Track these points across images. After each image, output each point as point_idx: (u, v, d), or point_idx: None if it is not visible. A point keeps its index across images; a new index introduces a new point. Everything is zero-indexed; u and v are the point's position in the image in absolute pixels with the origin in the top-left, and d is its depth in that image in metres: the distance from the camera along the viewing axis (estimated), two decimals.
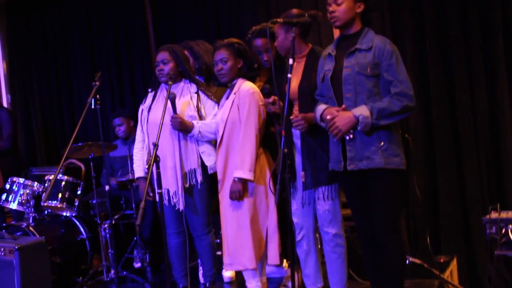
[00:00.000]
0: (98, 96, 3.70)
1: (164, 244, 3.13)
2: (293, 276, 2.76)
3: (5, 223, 4.56)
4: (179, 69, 3.51)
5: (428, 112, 4.16)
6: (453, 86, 4.09)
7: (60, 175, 4.39)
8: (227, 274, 3.89)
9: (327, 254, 3.18)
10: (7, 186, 4.42)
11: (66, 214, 4.49)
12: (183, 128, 3.37)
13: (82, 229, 4.45)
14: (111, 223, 3.98)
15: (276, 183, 2.66)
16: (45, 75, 6.16)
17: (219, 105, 3.47)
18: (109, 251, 4.19)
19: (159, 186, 3.12)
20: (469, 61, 4.03)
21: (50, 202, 4.29)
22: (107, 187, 3.91)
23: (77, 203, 4.38)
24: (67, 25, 5.99)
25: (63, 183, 4.35)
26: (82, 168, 5.25)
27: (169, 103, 3.31)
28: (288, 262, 3.74)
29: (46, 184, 4.39)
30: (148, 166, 3.16)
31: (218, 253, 3.68)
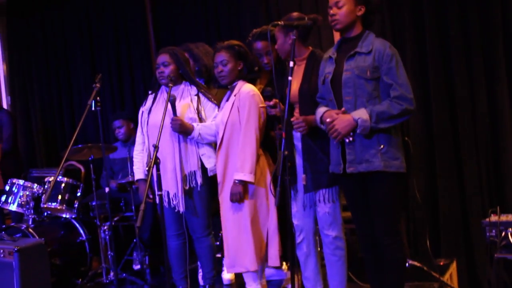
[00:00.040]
0: (98, 98, 3.70)
1: (164, 246, 3.12)
2: (293, 278, 2.75)
3: (5, 225, 4.56)
4: (180, 72, 3.51)
5: (428, 112, 4.15)
6: (453, 86, 4.08)
7: (60, 177, 4.39)
8: (226, 276, 3.89)
9: (327, 257, 3.18)
10: (6, 188, 4.41)
11: (65, 216, 4.49)
12: (183, 130, 3.37)
13: (81, 231, 4.45)
14: (110, 225, 3.97)
15: (276, 185, 2.66)
16: (45, 77, 6.16)
17: (219, 107, 3.48)
18: (109, 253, 4.20)
19: (159, 188, 3.12)
20: (469, 61, 4.03)
21: (50, 204, 4.28)
22: (107, 189, 3.91)
23: (76, 205, 4.38)
24: (67, 27, 5.99)
25: (63, 185, 4.35)
26: (82, 170, 5.24)
27: (169, 105, 3.31)
28: (287, 264, 3.73)
29: (45, 186, 4.39)
30: (148, 168, 3.16)
31: (217, 255, 3.68)
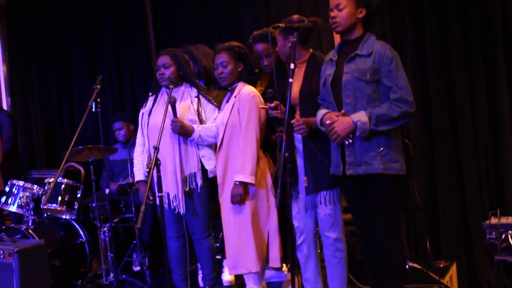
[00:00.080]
0: (99, 99, 3.70)
1: (164, 247, 3.12)
2: (293, 280, 2.75)
3: (4, 226, 4.56)
4: (180, 73, 3.51)
5: (428, 112, 4.15)
6: (453, 86, 4.08)
7: (60, 178, 4.39)
8: (226, 278, 3.89)
9: (328, 259, 3.18)
10: (6, 189, 4.41)
11: (65, 217, 4.48)
12: (183, 132, 3.37)
13: (81, 232, 4.45)
14: (110, 226, 3.97)
15: (277, 187, 2.66)
16: (45, 78, 6.16)
17: (219, 109, 3.48)
18: (109, 254, 4.20)
19: (159, 189, 3.12)
20: (469, 61, 4.02)
21: (50, 205, 4.28)
22: (107, 191, 3.91)
23: (76, 206, 4.37)
24: (67, 27, 5.99)
25: (63, 186, 4.35)
26: (82, 172, 5.24)
27: (169, 107, 3.31)
28: (288, 266, 3.73)
29: (45, 187, 4.38)
30: (149, 169, 3.15)
31: (217, 257, 3.68)
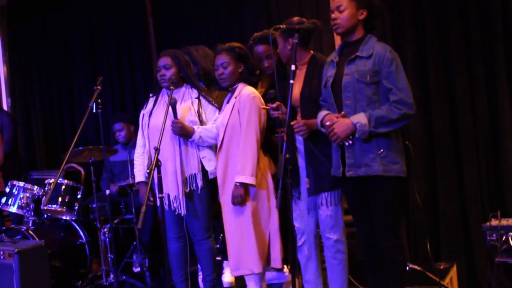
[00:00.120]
0: (99, 100, 3.70)
1: (165, 248, 3.12)
2: (294, 281, 2.75)
3: (5, 227, 4.56)
4: (181, 75, 3.51)
5: (428, 112, 4.15)
6: (453, 86, 4.08)
7: (60, 179, 4.39)
8: (226, 279, 3.89)
9: (328, 260, 3.17)
10: (7, 190, 4.41)
11: (65, 218, 4.48)
12: (183, 133, 3.37)
13: (81, 233, 4.45)
14: (110, 227, 3.97)
15: (278, 188, 2.66)
16: (45, 78, 6.15)
17: (220, 110, 3.48)
18: (109, 255, 4.19)
19: (160, 190, 3.12)
20: (469, 61, 4.02)
21: (50, 205, 4.28)
22: (107, 192, 3.91)
23: (77, 207, 4.37)
24: (68, 28, 5.99)
25: (63, 187, 4.35)
26: (82, 172, 5.25)
27: (170, 108, 3.31)
28: (288, 267, 3.73)
29: (46, 188, 4.38)
30: (149, 170, 3.15)
31: (218, 258, 3.67)
